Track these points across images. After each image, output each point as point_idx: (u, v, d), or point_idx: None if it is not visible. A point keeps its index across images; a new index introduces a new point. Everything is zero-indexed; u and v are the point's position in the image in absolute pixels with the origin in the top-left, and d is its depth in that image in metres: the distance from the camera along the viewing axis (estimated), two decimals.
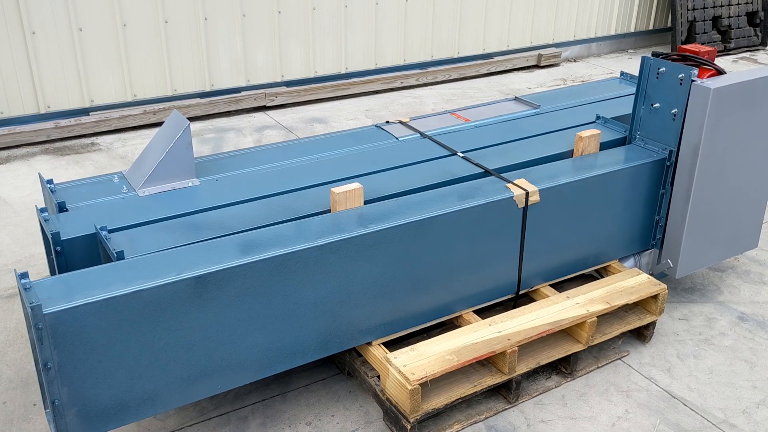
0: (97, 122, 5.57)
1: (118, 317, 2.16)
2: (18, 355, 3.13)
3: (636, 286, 3.15)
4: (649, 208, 3.31)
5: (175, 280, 2.23)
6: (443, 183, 3.01)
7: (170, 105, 5.81)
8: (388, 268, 2.66)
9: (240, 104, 6.13)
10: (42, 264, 3.77)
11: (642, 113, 3.32)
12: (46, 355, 2.08)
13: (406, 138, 3.47)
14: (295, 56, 6.33)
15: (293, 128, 5.85)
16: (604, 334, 3.06)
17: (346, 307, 2.62)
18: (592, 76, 7.42)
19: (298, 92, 6.35)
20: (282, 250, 2.41)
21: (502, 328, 2.86)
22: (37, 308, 2.02)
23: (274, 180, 3.02)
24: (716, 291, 3.67)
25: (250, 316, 2.41)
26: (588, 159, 3.23)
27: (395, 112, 6.25)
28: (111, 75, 5.60)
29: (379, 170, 3.13)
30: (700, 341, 3.29)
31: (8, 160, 5.15)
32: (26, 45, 5.19)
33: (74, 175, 4.87)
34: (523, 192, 2.89)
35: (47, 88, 5.39)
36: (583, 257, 3.24)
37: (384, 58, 6.79)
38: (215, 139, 5.61)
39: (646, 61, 3.23)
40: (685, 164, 3.15)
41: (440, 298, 2.86)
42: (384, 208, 2.73)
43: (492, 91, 6.90)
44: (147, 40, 5.62)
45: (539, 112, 3.83)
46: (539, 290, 3.16)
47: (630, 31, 8.40)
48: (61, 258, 2.49)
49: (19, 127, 5.34)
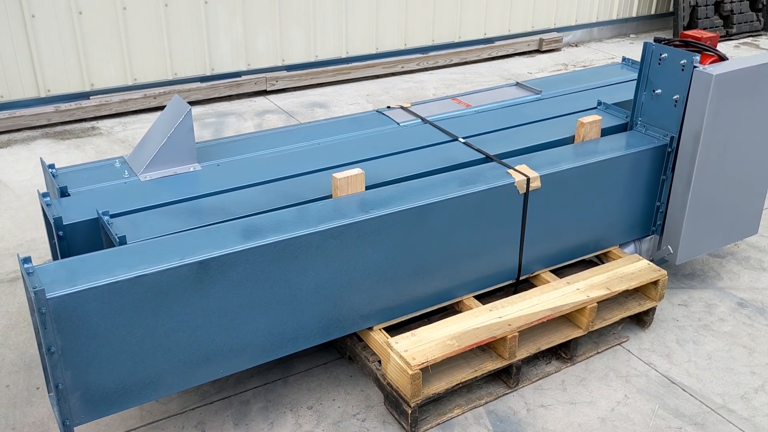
0: (97, 106, 5.56)
1: (121, 302, 2.17)
2: (20, 339, 3.14)
3: (636, 272, 3.16)
4: (649, 194, 3.32)
5: (178, 265, 2.24)
6: (444, 169, 3.01)
7: (171, 89, 5.79)
8: (389, 253, 2.66)
9: (240, 88, 6.11)
10: (43, 248, 3.78)
11: (644, 99, 3.31)
12: (50, 339, 2.10)
13: (407, 123, 3.47)
14: (295, 40, 6.30)
15: (294, 113, 5.84)
16: (604, 320, 3.08)
17: (348, 292, 2.63)
18: (594, 61, 7.39)
19: (299, 76, 6.33)
20: (284, 236, 2.42)
21: (503, 313, 2.87)
22: (40, 293, 2.03)
23: (276, 165, 3.02)
24: (716, 277, 3.68)
25: (252, 301, 2.42)
26: (589, 145, 3.23)
27: (396, 97, 6.23)
28: (111, 59, 5.57)
29: (381, 156, 3.13)
30: (699, 327, 3.30)
31: (9, 144, 5.15)
32: (26, 28, 5.16)
33: (75, 159, 4.86)
34: (524, 178, 2.89)
35: (47, 72, 5.37)
36: (584, 243, 3.25)
37: (385, 43, 6.76)
38: (216, 123, 5.60)
39: (648, 46, 3.22)
40: (686, 150, 3.15)
41: (441, 283, 2.87)
42: (385, 194, 2.73)
43: (493, 76, 6.87)
44: (147, 23, 5.60)
45: (540, 98, 3.82)
46: (540, 276, 3.17)
47: (632, 15, 8.36)
48: (64, 243, 2.50)
49: (19, 111, 5.33)
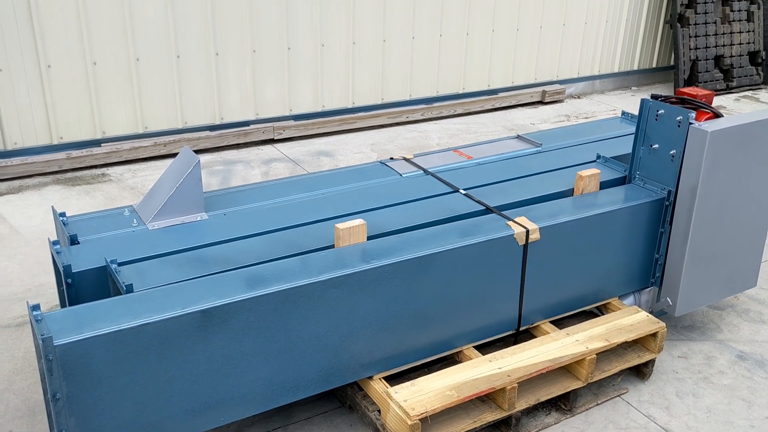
0: (108, 153, 5.68)
1: (125, 349, 2.22)
2: (25, 384, 3.18)
3: (635, 324, 3.19)
4: (648, 247, 3.36)
5: (182, 314, 2.29)
6: (445, 220, 3.07)
7: (180, 137, 5.92)
8: (389, 303, 2.71)
9: (249, 137, 6.23)
10: (51, 293, 3.84)
11: (641, 153, 3.39)
12: (56, 385, 2.14)
13: (409, 174, 3.54)
14: (303, 91, 6.45)
15: (300, 161, 5.94)
16: (604, 372, 3.10)
17: (348, 341, 2.67)
18: (596, 113, 7.51)
19: (306, 126, 6.46)
20: (286, 285, 2.47)
21: (503, 364, 2.89)
22: (48, 340, 2.08)
23: (280, 215, 3.09)
24: (716, 329, 3.70)
25: (254, 350, 2.46)
26: (588, 198, 3.30)
27: (401, 146, 6.34)
28: (123, 107, 5.72)
29: (383, 206, 3.20)
30: (699, 379, 3.31)
31: (20, 190, 5.25)
32: (41, 78, 5.32)
33: (85, 205, 4.96)
34: (523, 230, 2.95)
35: (60, 120, 5.51)
36: (584, 294, 3.29)
37: (390, 93, 6.91)
38: (224, 171, 5.71)
39: (645, 103, 3.31)
40: (683, 204, 3.20)
41: (441, 333, 2.91)
42: (386, 244, 2.79)
43: (496, 126, 6.99)
44: (159, 74, 5.75)
45: (541, 151, 3.91)
46: (540, 326, 3.20)
47: (633, 68, 8.52)
48: (72, 290, 2.55)
49: (31, 158, 5.45)
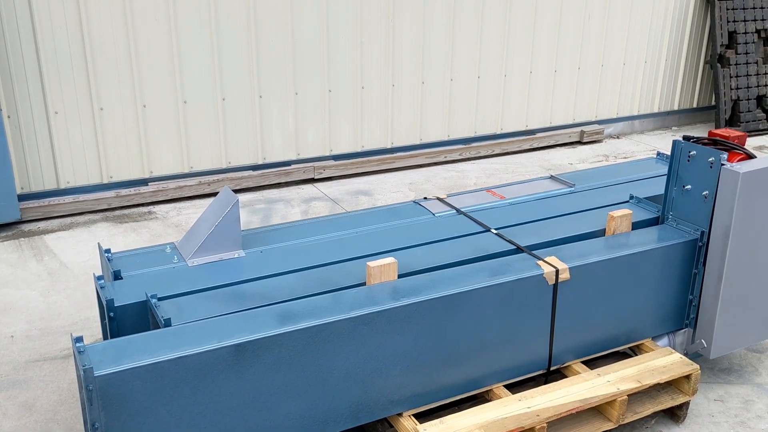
0: (154, 192, 5.90)
1: (162, 381, 2.31)
2: (69, 414, 3.30)
3: (668, 366, 3.16)
4: (682, 288, 3.35)
5: (216, 348, 2.37)
6: (476, 259, 3.12)
7: (224, 177, 6.12)
8: (419, 340, 2.76)
9: (290, 176, 6.40)
10: (96, 327, 3.99)
11: (674, 194, 3.39)
12: (95, 415, 2.24)
13: (442, 214, 3.61)
14: (343, 132, 6.61)
15: (339, 200, 6.06)
16: (636, 413, 3.07)
17: (378, 378, 2.72)
18: (635, 153, 7.49)
19: (345, 165, 6.60)
20: (317, 321, 2.54)
21: (532, 403, 2.90)
22: (89, 371, 2.19)
23: (315, 253, 3.18)
24: (754, 372, 3.63)
25: (285, 384, 2.53)
26: (620, 238, 3.31)
27: (438, 186, 6.42)
28: (170, 148, 5.95)
29: (415, 245, 3.26)
30: (735, 423, 3.25)
31: (71, 227, 5.48)
32: (94, 120, 5.59)
33: (131, 242, 5.15)
34: (553, 269, 2.98)
35: (111, 160, 5.76)
36: (615, 335, 3.28)
37: (428, 134, 7.03)
38: (265, 209, 5.86)
39: (677, 144, 3.33)
40: (716, 245, 3.19)
41: (471, 371, 2.93)
42: (417, 282, 2.84)
43: (534, 166, 7.03)
44: (205, 116, 5.98)
45: (573, 191, 3.94)
46: (571, 366, 3.20)
47: (674, 109, 8.49)
48: (114, 323, 2.67)
49: (82, 196, 5.69)
